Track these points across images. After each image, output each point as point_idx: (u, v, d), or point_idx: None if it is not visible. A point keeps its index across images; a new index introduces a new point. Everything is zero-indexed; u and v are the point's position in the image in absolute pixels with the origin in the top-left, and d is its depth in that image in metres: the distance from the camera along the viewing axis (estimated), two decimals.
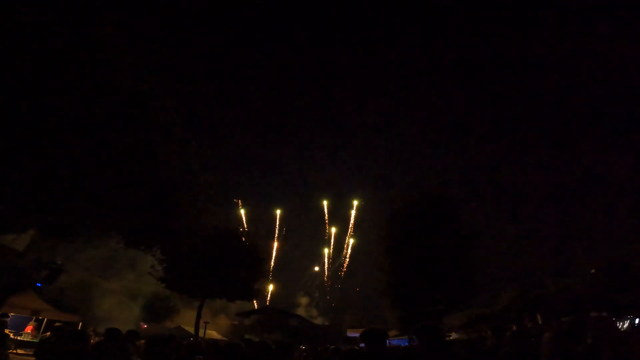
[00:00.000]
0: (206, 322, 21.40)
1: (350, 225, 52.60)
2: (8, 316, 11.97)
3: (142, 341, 7.03)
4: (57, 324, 12.74)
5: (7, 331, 8.92)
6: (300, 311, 44.58)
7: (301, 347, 16.08)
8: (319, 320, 43.21)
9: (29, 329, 15.46)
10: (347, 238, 52.87)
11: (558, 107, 66.80)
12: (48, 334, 13.02)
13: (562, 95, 68.43)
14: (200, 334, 19.51)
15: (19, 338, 14.42)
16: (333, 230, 52.75)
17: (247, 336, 18.92)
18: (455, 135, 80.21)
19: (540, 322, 20.41)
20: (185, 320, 26.34)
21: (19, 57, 5.85)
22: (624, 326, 10.40)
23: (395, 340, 22.87)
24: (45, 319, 15.97)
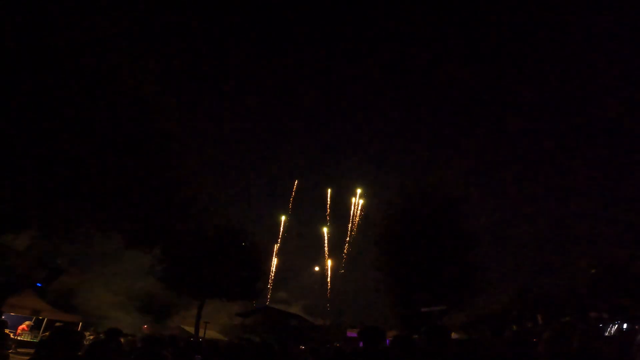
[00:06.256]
0: (206, 322, 21.38)
1: (352, 216, 51.83)
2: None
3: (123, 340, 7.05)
4: (57, 324, 12.75)
5: (7, 331, 8.90)
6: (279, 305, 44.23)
7: (301, 347, 16.05)
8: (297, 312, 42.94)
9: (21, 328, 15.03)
10: (347, 235, 52.53)
11: (560, 106, 66.87)
12: (47, 333, 13.01)
13: (564, 95, 68.53)
14: (200, 334, 19.49)
15: (19, 338, 14.39)
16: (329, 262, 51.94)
17: (247, 336, 18.90)
18: (456, 134, 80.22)
19: (540, 322, 20.43)
20: (185, 320, 26.33)
21: (21, 57, 5.85)
22: (612, 331, 10.36)
23: None
24: (45, 319, 15.97)
